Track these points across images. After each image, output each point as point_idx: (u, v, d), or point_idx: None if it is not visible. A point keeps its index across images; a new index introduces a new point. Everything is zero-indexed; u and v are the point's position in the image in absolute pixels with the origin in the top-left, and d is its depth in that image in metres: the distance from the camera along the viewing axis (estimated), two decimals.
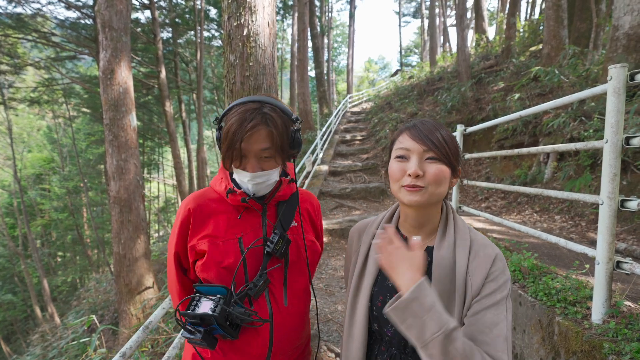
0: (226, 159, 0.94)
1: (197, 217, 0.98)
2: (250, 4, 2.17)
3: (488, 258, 0.76)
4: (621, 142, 1.54)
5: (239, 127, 0.89)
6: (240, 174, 0.96)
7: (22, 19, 10.67)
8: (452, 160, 0.78)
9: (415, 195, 0.76)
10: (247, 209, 1.01)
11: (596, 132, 4.53)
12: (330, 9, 29.80)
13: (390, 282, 0.83)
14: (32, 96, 12.57)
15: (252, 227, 1.00)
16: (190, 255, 0.98)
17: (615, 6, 4.82)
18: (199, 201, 0.99)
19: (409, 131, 0.80)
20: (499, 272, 0.74)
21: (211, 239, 0.95)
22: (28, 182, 21.14)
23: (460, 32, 10.52)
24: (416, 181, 0.75)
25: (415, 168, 0.75)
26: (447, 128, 0.82)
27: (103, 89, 5.25)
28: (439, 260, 0.77)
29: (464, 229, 0.82)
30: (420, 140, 0.77)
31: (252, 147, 0.91)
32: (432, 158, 0.77)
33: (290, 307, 1.00)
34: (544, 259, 2.73)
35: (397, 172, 0.79)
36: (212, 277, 0.93)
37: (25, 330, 15.93)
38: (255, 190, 0.97)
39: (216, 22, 16.93)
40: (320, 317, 3.39)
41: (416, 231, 0.86)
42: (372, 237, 0.92)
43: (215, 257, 0.93)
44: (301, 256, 1.04)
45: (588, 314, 1.70)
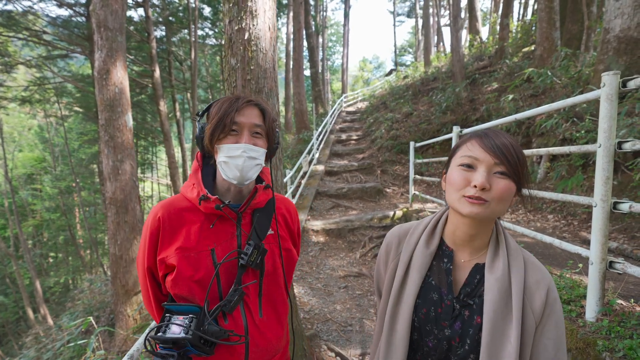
0: (215, 134, 0.90)
1: (167, 227, 0.91)
2: (251, 8, 2.19)
3: (544, 283, 0.76)
4: (614, 146, 1.60)
5: (233, 101, 0.92)
6: (231, 149, 0.91)
7: (13, 16, 10.50)
8: (521, 177, 0.74)
9: (477, 207, 0.72)
10: (221, 217, 0.95)
11: (588, 133, 4.62)
12: (325, 8, 29.82)
13: (436, 295, 0.82)
14: (23, 95, 12.37)
15: (226, 237, 0.95)
16: (160, 269, 0.91)
17: (606, 9, 4.92)
18: (169, 209, 0.93)
19: (480, 140, 0.75)
20: (554, 300, 0.75)
21: (181, 251, 0.89)
22: (19, 182, 20.83)
23: (455, 33, 10.61)
24: (481, 193, 0.71)
25: (483, 180, 0.71)
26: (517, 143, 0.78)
27: (98, 89, 5.21)
28: (494, 283, 0.75)
29: (516, 249, 0.80)
30: (492, 152, 0.72)
31: (247, 120, 0.92)
32: (501, 173, 0.72)
33: (265, 319, 0.97)
34: (538, 258, 2.79)
35: (461, 181, 0.74)
36: (183, 292, 0.88)
37: (17, 332, 15.72)
38: (245, 171, 0.92)
39: (210, 20, 16.84)
40: (319, 317, 3.42)
41: (464, 244, 0.83)
42: (414, 246, 0.88)
43: (185, 272, 0.88)
44: (277, 266, 1.01)
45: (582, 312, 1.76)
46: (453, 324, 0.78)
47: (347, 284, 4.15)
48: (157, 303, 0.98)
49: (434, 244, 0.86)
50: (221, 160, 0.93)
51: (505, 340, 0.71)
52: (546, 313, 0.73)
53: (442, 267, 0.84)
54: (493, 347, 0.71)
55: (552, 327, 0.73)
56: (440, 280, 0.83)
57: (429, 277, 0.85)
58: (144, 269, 0.94)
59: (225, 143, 0.92)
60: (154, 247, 0.92)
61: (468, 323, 0.77)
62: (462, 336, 0.77)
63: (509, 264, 0.77)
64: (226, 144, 0.91)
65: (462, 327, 0.77)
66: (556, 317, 0.74)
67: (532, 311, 0.73)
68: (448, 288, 0.81)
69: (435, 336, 0.80)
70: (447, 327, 0.79)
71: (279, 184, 2.46)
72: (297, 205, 6.61)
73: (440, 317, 0.80)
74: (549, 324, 0.73)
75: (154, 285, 0.96)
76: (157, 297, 0.98)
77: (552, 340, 0.73)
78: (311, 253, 5.09)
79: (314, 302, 3.72)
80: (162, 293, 0.98)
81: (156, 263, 0.92)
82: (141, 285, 0.99)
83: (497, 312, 0.73)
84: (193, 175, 0.97)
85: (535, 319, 0.73)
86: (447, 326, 0.79)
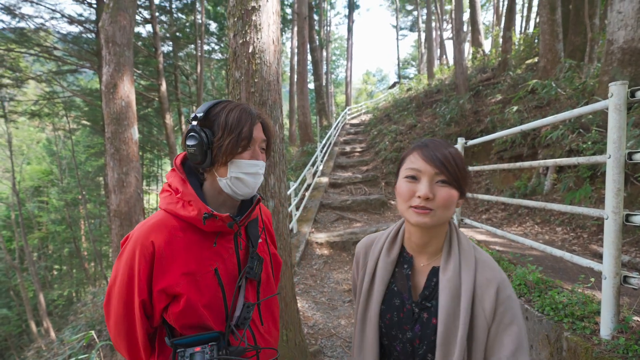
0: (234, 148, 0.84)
1: (165, 252, 0.81)
2: (255, 22, 2.22)
3: (495, 282, 0.76)
4: (624, 157, 1.56)
5: (248, 114, 0.87)
6: (249, 166, 0.87)
7: (25, 33, 10.80)
8: (462, 183, 0.78)
9: (423, 217, 0.76)
10: (220, 233, 0.89)
11: (594, 144, 4.57)
12: (329, 22, 30.36)
13: (398, 301, 0.86)
14: (32, 109, 12.61)
15: (226, 253, 0.90)
16: (159, 301, 0.80)
17: (609, 21, 4.93)
18: (163, 232, 0.82)
19: (420, 151, 0.79)
20: (507, 297, 0.75)
21: (188, 277, 0.81)
22: (26, 195, 21.04)
23: (457, 46, 10.70)
24: (426, 203, 0.75)
25: (426, 190, 0.74)
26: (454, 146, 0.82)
27: (105, 103, 5.28)
28: (445, 284, 0.78)
29: (468, 249, 0.82)
30: (431, 162, 0.76)
31: (259, 135, 0.90)
32: (443, 181, 0.76)
33: (266, 326, 0.98)
34: (548, 272, 2.73)
35: (407, 193, 0.78)
36: (193, 321, 0.81)
37: (20, 346, 15.60)
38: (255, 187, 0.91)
39: (216, 35, 17.18)
40: (324, 332, 3.35)
41: (420, 250, 0.86)
42: (378, 254, 0.92)
43: (195, 298, 0.81)
44: (269, 272, 1.02)
45: (596, 330, 1.69)
46: (414, 327, 0.82)
47: (352, 298, 4.07)
48: (147, 342, 0.85)
49: (395, 251, 0.90)
50: (233, 176, 0.87)
51: (454, 338, 0.74)
52: (500, 311, 0.74)
53: (403, 273, 0.88)
54: (446, 346, 0.74)
55: (508, 325, 0.73)
56: (402, 286, 0.87)
57: (392, 283, 0.88)
58: (132, 305, 0.81)
59: (242, 158, 0.86)
60: (149, 277, 0.80)
61: (426, 325, 0.80)
62: (421, 338, 0.80)
63: (460, 265, 0.79)
64: (243, 159, 0.86)
65: (421, 329, 0.81)
66: (512, 314, 0.74)
67: (482, 310, 0.75)
68: (408, 293, 0.85)
69: (400, 340, 0.84)
70: (408, 330, 0.82)
71: (282, 196, 2.44)
72: (301, 217, 6.57)
73: (402, 321, 0.84)
74: (504, 322, 0.74)
75: (145, 322, 0.83)
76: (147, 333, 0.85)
77: (511, 337, 0.73)
78: (315, 266, 5.02)
79: (318, 317, 3.65)
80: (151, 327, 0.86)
81: (151, 295, 0.80)
82: (120, 325, 0.83)
83: (450, 313, 0.75)
84: (182, 190, 0.86)
85: (486, 317, 0.74)
86: (408, 329, 0.82)
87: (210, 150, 0.85)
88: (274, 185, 2.36)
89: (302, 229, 6.00)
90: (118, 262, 0.84)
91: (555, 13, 7.31)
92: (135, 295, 0.80)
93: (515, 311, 0.75)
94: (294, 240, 5.58)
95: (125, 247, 0.83)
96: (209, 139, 0.84)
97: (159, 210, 0.88)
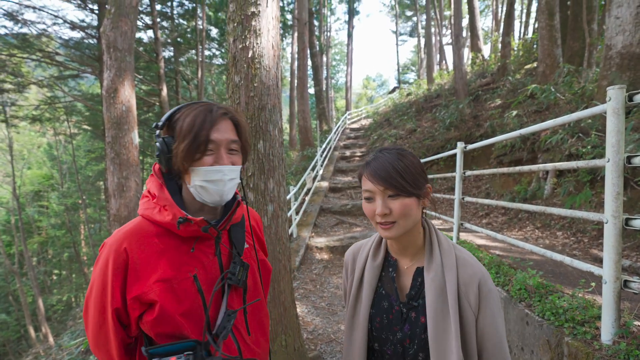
0: (190, 155, 0.79)
1: (138, 259, 0.78)
2: (255, 27, 2.23)
3: (476, 277, 0.81)
4: (623, 161, 1.56)
5: (207, 114, 0.81)
6: (210, 173, 0.81)
7: (28, 39, 10.89)
8: (413, 190, 0.80)
9: (388, 231, 0.81)
10: (200, 238, 0.85)
11: (594, 148, 4.58)
12: (329, 28, 30.57)
13: (386, 303, 0.89)
14: (34, 114, 12.67)
15: (206, 258, 0.86)
16: (133, 309, 0.78)
17: (607, 26, 4.97)
18: (136, 238, 0.80)
19: (366, 172, 0.83)
20: (488, 291, 0.81)
21: (162, 283, 0.78)
22: (26, 199, 21.04)
23: (457, 51, 10.76)
24: (385, 219, 0.80)
25: (380, 209, 0.79)
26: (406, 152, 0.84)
27: (106, 108, 5.31)
28: (430, 283, 0.82)
29: (448, 248, 0.86)
30: (377, 181, 0.80)
31: (223, 136, 0.82)
32: (392, 195, 0.80)
33: (253, 336, 0.93)
34: (548, 276, 2.71)
35: (369, 213, 0.84)
36: (168, 329, 0.78)
37: (18, 352, 15.49)
38: (225, 195, 0.84)
39: (217, 41, 17.30)
40: (323, 338, 3.33)
41: (401, 253, 0.90)
42: (365, 260, 0.95)
43: (170, 306, 0.77)
44: (256, 279, 0.97)
45: (597, 334, 1.68)
46: (403, 327, 0.85)
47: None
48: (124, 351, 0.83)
49: (380, 256, 0.93)
50: (197, 184, 0.82)
51: (447, 336, 0.77)
52: (482, 305, 0.80)
53: (389, 276, 0.91)
54: (438, 343, 0.77)
55: (489, 317, 0.80)
56: (389, 288, 0.90)
57: (380, 287, 0.92)
58: (105, 314, 0.79)
59: (202, 165, 0.81)
60: (122, 285, 0.78)
61: (415, 324, 0.83)
62: (411, 337, 0.83)
63: (442, 264, 0.83)
64: (203, 166, 0.81)
65: (411, 328, 0.84)
66: (491, 307, 0.80)
67: (469, 304, 0.80)
68: (395, 294, 0.88)
69: (391, 342, 0.86)
70: (398, 330, 0.85)
71: (281, 200, 2.44)
72: (300, 222, 6.56)
73: (392, 322, 0.86)
74: (486, 314, 0.80)
75: (120, 331, 0.81)
76: (125, 344, 0.83)
77: (492, 327, 0.79)
78: (315, 271, 5.00)
79: (317, 322, 3.63)
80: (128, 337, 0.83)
81: (126, 303, 0.78)
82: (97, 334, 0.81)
83: (437, 310, 0.79)
84: (158, 195, 0.83)
85: (473, 311, 0.80)
86: (398, 330, 0.85)
87: (171, 158, 0.82)
88: (273, 190, 2.36)
89: (301, 234, 5.99)
90: (94, 270, 0.81)
91: (553, 19, 7.36)
92: (109, 304, 0.78)
93: (495, 304, 0.81)
94: (293, 245, 5.56)
95: (100, 255, 0.81)
96: (168, 147, 0.81)
97: (137, 217, 0.86)
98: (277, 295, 2.41)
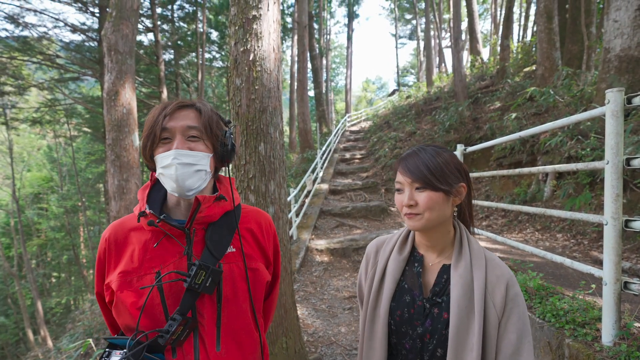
0: (147, 146, 0.83)
1: (113, 249, 0.84)
2: (256, 30, 2.25)
3: (503, 278, 0.82)
4: (622, 163, 1.57)
5: (163, 107, 0.85)
6: (163, 159, 0.81)
7: (28, 42, 10.91)
8: (440, 185, 0.83)
9: (413, 221, 0.85)
10: (167, 235, 0.85)
11: (593, 150, 4.59)
12: (329, 31, 30.69)
13: (408, 297, 0.89)
14: (34, 116, 12.68)
15: (173, 257, 0.83)
16: (106, 295, 0.83)
17: (605, 29, 5.00)
18: (117, 230, 0.86)
19: (400, 165, 0.89)
20: (517, 296, 0.81)
21: (123, 275, 0.80)
22: (26, 202, 21.02)
23: (456, 54, 10.80)
24: (411, 210, 0.84)
25: (406, 200, 0.84)
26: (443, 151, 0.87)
27: (107, 110, 5.32)
28: (457, 280, 0.83)
29: (478, 248, 0.88)
30: (407, 174, 0.85)
31: (178, 123, 0.82)
32: (419, 188, 0.84)
33: (224, 353, 0.83)
34: (549, 278, 2.72)
35: (398, 204, 0.88)
36: (128, 321, 0.80)
37: (17, 355, 15.42)
38: (181, 180, 0.81)
39: (217, 44, 17.35)
40: (324, 340, 3.32)
41: (430, 249, 0.92)
42: (389, 254, 0.97)
43: (127, 298, 0.78)
44: (239, 289, 0.87)
45: (598, 336, 1.68)
46: (424, 322, 0.86)
47: (352, 305, 4.05)
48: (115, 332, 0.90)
49: (406, 250, 0.95)
50: (159, 173, 0.84)
51: (469, 333, 0.78)
52: (508, 307, 0.80)
53: (413, 271, 0.92)
54: (459, 340, 0.78)
55: (515, 321, 0.79)
56: (412, 283, 0.91)
57: (403, 281, 0.93)
58: (97, 295, 0.89)
59: (157, 153, 0.83)
60: (102, 271, 0.85)
61: (437, 320, 0.84)
62: (432, 332, 0.84)
63: (471, 263, 0.85)
64: (158, 154, 0.83)
65: (432, 324, 0.85)
66: (519, 311, 0.80)
67: (494, 305, 0.80)
68: (419, 290, 0.89)
69: (410, 336, 0.87)
70: (419, 325, 0.86)
71: (282, 202, 2.45)
72: (300, 224, 6.56)
73: (413, 317, 0.87)
74: (512, 318, 0.79)
75: (109, 314, 0.87)
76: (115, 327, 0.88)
77: (516, 333, 0.78)
78: (315, 273, 5.00)
79: (318, 324, 3.62)
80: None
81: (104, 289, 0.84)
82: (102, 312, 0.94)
83: (462, 307, 0.80)
84: (140, 192, 0.89)
85: (497, 313, 0.79)
86: (419, 325, 0.86)
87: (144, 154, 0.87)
88: (274, 192, 2.36)
89: (302, 236, 5.99)
90: None
91: (552, 22, 7.40)
92: (95, 286, 0.88)
93: (522, 309, 0.80)
94: (294, 247, 5.56)
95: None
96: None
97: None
98: (278, 297, 2.41)
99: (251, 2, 2.23)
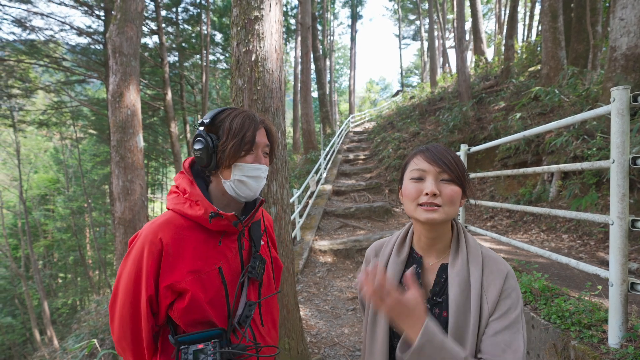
0: (236, 152, 0.88)
1: (172, 249, 0.84)
2: (258, 31, 2.25)
3: (500, 274, 0.81)
4: (628, 162, 1.55)
5: (252, 118, 0.92)
6: (252, 169, 0.91)
7: (35, 45, 11.05)
8: (463, 181, 0.83)
9: (432, 213, 0.80)
10: (226, 233, 0.93)
11: (599, 150, 4.54)
12: (332, 32, 30.71)
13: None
14: (41, 118, 12.83)
15: (231, 252, 0.94)
16: (165, 297, 0.83)
17: (611, 28, 4.94)
18: (171, 229, 0.86)
19: (423, 154, 0.85)
20: (512, 289, 0.79)
21: (194, 273, 0.85)
22: (33, 203, 21.25)
23: (460, 54, 10.75)
24: (433, 199, 0.80)
25: (432, 187, 0.79)
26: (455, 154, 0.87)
27: (111, 112, 5.36)
28: (454, 278, 0.82)
29: (475, 245, 0.87)
30: (434, 163, 0.81)
31: (262, 140, 0.94)
32: (446, 180, 0.81)
33: (265, 327, 1.02)
34: (554, 279, 2.69)
35: (414, 192, 0.82)
36: (197, 317, 0.84)
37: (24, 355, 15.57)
38: (257, 190, 0.94)
39: (221, 46, 17.44)
40: (327, 341, 3.31)
41: (429, 249, 0.90)
42: (388, 255, 0.96)
43: (199, 295, 0.84)
44: (270, 274, 1.05)
45: (604, 338, 1.66)
46: None
47: (356, 306, 4.03)
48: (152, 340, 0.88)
49: (405, 252, 0.93)
50: (236, 179, 0.91)
51: (466, 330, 0.77)
52: (501, 298, 0.78)
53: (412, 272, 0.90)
54: (457, 336, 0.77)
55: (505, 311, 0.76)
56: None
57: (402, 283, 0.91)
58: (138, 302, 0.83)
59: (245, 162, 0.91)
60: (156, 273, 0.83)
61: (438, 319, 0.83)
62: None
63: (467, 260, 0.84)
64: (246, 162, 0.91)
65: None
66: (511, 301, 0.78)
67: (486, 300, 0.78)
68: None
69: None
70: None
71: (284, 203, 2.44)
72: (304, 225, 6.56)
73: None
74: (501, 307, 0.77)
75: (151, 319, 0.85)
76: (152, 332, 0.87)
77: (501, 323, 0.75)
78: (318, 274, 4.99)
79: (321, 325, 3.61)
80: (156, 325, 0.88)
81: (158, 291, 0.83)
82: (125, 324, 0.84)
83: (459, 304, 0.79)
84: (190, 191, 0.90)
85: (489, 307, 0.78)
86: None
87: (215, 153, 0.90)
88: (276, 192, 2.36)
89: (305, 237, 5.98)
90: (125, 261, 0.86)
91: (557, 21, 7.34)
92: (143, 291, 0.82)
93: (515, 300, 0.78)
94: (297, 248, 5.56)
95: (134, 245, 0.86)
96: (214, 143, 0.89)
97: (166, 211, 0.93)
98: (280, 298, 2.40)
99: (253, 3, 2.24)
